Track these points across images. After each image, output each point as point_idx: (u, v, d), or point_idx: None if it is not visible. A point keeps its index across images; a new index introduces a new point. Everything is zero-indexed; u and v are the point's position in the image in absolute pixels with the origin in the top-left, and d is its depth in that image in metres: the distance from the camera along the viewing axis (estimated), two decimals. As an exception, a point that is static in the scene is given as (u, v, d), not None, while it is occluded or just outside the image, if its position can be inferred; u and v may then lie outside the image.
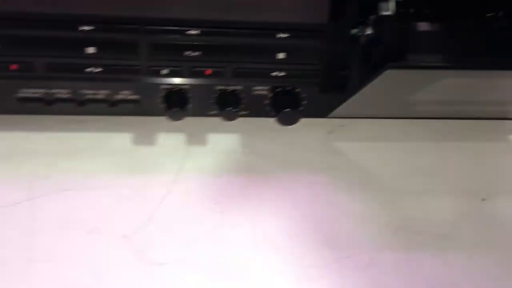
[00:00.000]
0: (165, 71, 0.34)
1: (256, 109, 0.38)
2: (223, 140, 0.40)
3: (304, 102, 0.37)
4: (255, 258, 0.34)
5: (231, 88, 0.36)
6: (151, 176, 0.37)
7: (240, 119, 0.38)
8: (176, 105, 0.36)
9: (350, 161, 0.40)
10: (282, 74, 0.35)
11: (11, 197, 0.34)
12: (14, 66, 0.32)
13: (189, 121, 0.38)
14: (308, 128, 0.39)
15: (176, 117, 0.36)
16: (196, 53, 0.33)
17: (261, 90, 0.37)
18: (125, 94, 0.36)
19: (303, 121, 0.36)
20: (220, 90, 0.36)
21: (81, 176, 0.36)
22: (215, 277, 0.32)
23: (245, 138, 0.40)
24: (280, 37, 0.32)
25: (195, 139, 0.40)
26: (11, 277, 0.31)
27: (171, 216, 0.35)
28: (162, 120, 0.38)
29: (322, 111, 0.38)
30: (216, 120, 0.37)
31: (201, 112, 0.38)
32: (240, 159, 0.39)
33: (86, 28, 0.30)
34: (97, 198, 0.35)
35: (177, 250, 0.34)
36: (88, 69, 0.32)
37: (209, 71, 0.34)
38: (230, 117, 0.37)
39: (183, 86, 0.36)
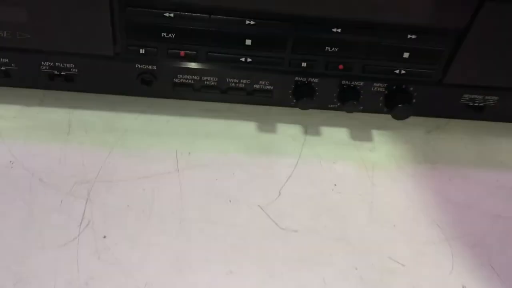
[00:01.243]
0: (304, 64, 0.39)
1: (371, 105, 0.43)
2: (336, 132, 0.45)
3: (415, 100, 0.42)
4: (371, 231, 0.38)
5: (353, 83, 0.41)
6: (275, 158, 0.42)
7: (345, 115, 0.43)
8: (304, 96, 0.41)
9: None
10: (403, 72, 0.40)
11: (162, 167, 0.40)
12: (182, 53, 0.37)
13: (306, 114, 0.43)
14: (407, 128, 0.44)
15: (304, 106, 0.41)
16: (334, 49, 0.38)
17: (379, 87, 0.41)
18: (261, 84, 0.41)
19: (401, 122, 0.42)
20: (344, 85, 0.41)
21: (216, 155, 0.41)
22: (341, 245, 0.37)
23: (354, 132, 0.45)
24: (410, 38, 0.37)
25: (312, 130, 0.45)
26: (170, 233, 0.36)
27: (296, 192, 0.40)
28: (282, 112, 0.43)
29: (431, 109, 0.43)
30: (329, 115, 0.43)
31: (323, 105, 0.43)
32: (350, 149, 0.44)
33: (250, 22, 0.36)
34: (232, 173, 0.40)
35: (306, 221, 0.38)
36: (242, 59, 0.38)
37: (341, 66, 0.39)
38: (351, 110, 0.42)
39: (313, 79, 0.41)
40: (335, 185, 0.41)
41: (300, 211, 0.39)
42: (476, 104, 0.43)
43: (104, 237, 0.34)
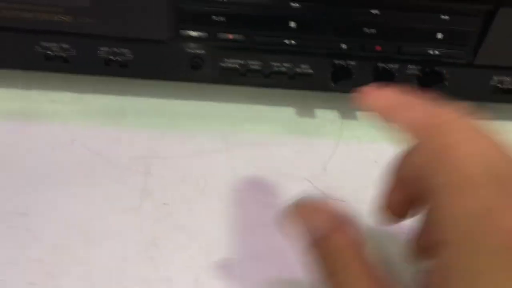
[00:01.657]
0: (343, 46, 0.41)
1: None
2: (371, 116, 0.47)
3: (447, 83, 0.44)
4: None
5: (389, 66, 0.43)
6: (317, 139, 0.44)
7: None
8: (342, 79, 0.43)
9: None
10: (437, 53, 0.42)
11: (211, 146, 0.42)
12: (231, 36, 0.40)
13: (342, 99, 0.45)
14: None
15: (342, 89, 0.44)
16: (372, 31, 0.40)
17: (413, 69, 0.44)
18: (303, 68, 0.43)
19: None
20: (379, 67, 0.44)
21: (262, 135, 0.43)
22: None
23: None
24: (443, 19, 0.40)
25: (348, 114, 0.47)
26: (225, 201, 0.37)
27: (340, 168, 0.42)
28: (319, 97, 0.46)
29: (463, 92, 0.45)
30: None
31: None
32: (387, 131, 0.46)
33: (295, 5, 0.39)
34: (278, 151, 0.42)
35: (353, 192, 0.40)
36: (286, 41, 0.40)
37: (378, 47, 0.42)
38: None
39: (350, 62, 0.43)
40: (375, 161, 0.43)
41: (346, 184, 0.40)
42: (505, 87, 0.46)
43: (164, 204, 0.36)
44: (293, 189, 0.39)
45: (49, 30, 0.38)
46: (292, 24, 0.40)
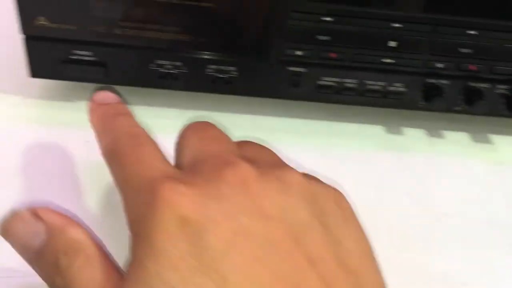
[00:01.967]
0: (438, 66, 0.43)
1: (493, 108, 0.46)
2: (458, 134, 0.48)
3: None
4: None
5: (479, 85, 0.45)
6: (409, 155, 0.46)
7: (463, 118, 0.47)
8: (434, 97, 0.45)
9: None
10: (527, 74, 0.43)
11: (311, 161, 0.43)
12: (333, 55, 0.42)
13: (428, 117, 0.47)
14: None
15: (433, 108, 0.45)
16: (468, 51, 0.42)
17: (502, 89, 0.45)
18: (396, 86, 0.45)
19: None
20: (470, 87, 0.45)
21: (355, 151, 0.45)
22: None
23: (476, 134, 0.48)
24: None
25: (434, 132, 0.48)
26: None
27: (438, 184, 0.43)
28: (405, 115, 0.47)
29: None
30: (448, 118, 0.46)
31: (449, 107, 0.46)
32: (476, 149, 0.47)
33: (396, 25, 0.41)
34: (374, 167, 0.44)
35: (455, 206, 0.41)
36: (385, 60, 0.42)
37: (473, 67, 0.43)
38: (477, 112, 0.46)
39: (443, 81, 0.45)
40: (461, 177, 0.44)
41: (446, 199, 0.42)
42: None
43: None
44: (393, 205, 0.41)
45: (165, 48, 0.41)
46: (392, 44, 0.42)
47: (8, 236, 0.25)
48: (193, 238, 0.22)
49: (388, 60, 0.43)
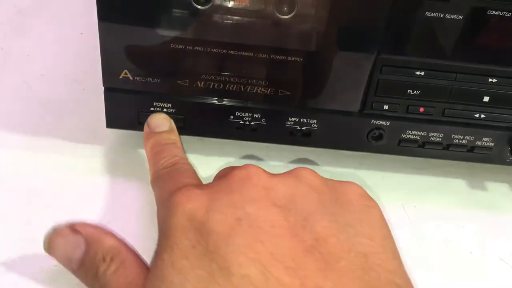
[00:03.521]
0: None
1: None
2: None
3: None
4: None
5: None
6: (498, 214, 0.43)
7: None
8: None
9: None
10: None
11: (393, 218, 0.41)
12: (421, 109, 0.40)
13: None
14: None
15: (524, 162, 0.42)
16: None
17: None
18: (484, 141, 0.42)
19: None
20: None
21: (440, 209, 0.43)
22: None
23: None
24: None
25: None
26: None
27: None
28: (485, 169, 0.45)
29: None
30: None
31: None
32: None
33: (492, 80, 0.38)
34: (461, 226, 0.41)
35: None
36: (476, 115, 0.40)
37: None
38: None
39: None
40: None
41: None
42: None
43: None
44: (487, 270, 0.38)
45: (247, 101, 0.40)
46: (486, 98, 0.39)
47: (52, 252, 0.28)
48: (200, 227, 0.25)
49: (481, 115, 0.40)
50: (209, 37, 0.36)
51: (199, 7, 0.36)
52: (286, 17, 0.36)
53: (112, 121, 0.41)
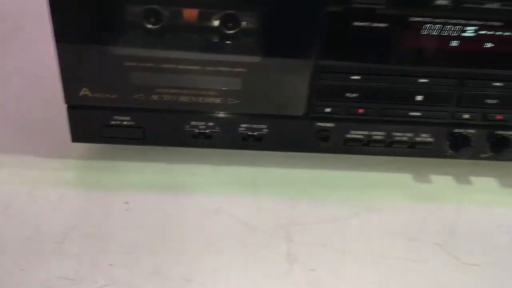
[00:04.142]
0: (466, 116, 0.44)
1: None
2: (486, 181, 0.49)
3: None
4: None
5: (506, 133, 0.46)
6: (438, 204, 0.46)
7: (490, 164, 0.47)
8: (462, 147, 0.45)
9: None
10: None
11: (343, 212, 0.44)
12: (360, 110, 0.43)
13: (453, 165, 0.48)
14: None
15: (461, 156, 0.46)
16: (495, 101, 0.43)
17: (529, 135, 0.46)
18: (423, 137, 0.46)
19: None
20: (497, 135, 0.46)
21: (386, 201, 0.46)
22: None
23: (504, 180, 0.49)
24: None
25: (462, 179, 0.49)
26: (366, 267, 0.40)
27: (466, 232, 0.43)
28: (430, 163, 0.48)
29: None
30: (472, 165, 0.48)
31: (476, 155, 0.47)
32: (504, 196, 0.47)
33: (423, 80, 0.42)
34: (403, 216, 0.45)
35: (484, 256, 0.41)
36: (412, 113, 0.43)
37: (499, 116, 0.44)
38: (506, 159, 0.46)
39: (470, 131, 0.46)
40: (500, 225, 0.44)
41: (475, 248, 0.42)
42: None
43: (311, 270, 0.39)
44: (425, 253, 0.41)
45: (200, 110, 0.43)
46: (419, 98, 0.43)
47: None
48: None
49: (415, 113, 0.44)
50: (160, 54, 0.40)
51: (149, 26, 0.39)
52: (232, 31, 0.40)
53: (77, 136, 0.44)
